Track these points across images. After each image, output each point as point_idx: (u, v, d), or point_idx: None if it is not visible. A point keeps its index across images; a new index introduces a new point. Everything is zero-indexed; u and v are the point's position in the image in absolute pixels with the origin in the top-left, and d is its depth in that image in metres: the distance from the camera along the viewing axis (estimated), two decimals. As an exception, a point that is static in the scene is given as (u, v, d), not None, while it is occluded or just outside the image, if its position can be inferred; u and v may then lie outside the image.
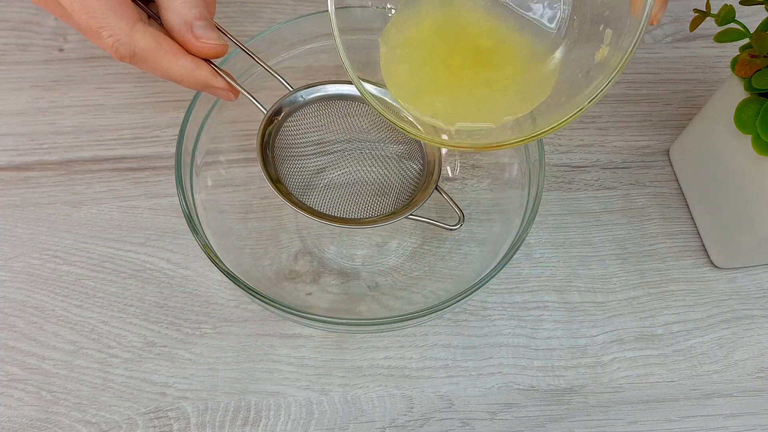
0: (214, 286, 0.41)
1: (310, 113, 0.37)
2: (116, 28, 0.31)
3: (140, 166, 0.44)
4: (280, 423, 0.37)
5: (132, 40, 0.31)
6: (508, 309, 0.40)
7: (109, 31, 0.31)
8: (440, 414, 0.37)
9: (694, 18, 0.37)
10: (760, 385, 0.39)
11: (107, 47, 0.32)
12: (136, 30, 0.31)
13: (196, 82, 0.33)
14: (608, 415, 0.38)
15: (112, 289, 0.40)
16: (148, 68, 0.33)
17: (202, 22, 0.32)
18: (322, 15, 0.40)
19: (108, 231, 0.42)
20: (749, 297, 0.41)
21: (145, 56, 0.32)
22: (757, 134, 0.35)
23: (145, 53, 0.32)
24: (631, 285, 0.41)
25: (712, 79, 0.50)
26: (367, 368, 0.38)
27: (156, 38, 0.32)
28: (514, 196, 0.39)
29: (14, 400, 0.37)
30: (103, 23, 0.31)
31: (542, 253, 0.42)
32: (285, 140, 0.37)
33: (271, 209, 0.42)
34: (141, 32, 0.32)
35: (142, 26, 0.32)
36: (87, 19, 0.31)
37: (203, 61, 0.33)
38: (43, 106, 0.46)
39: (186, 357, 0.38)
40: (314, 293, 0.40)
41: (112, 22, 0.31)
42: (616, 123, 0.48)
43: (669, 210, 0.44)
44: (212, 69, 0.33)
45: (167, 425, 0.36)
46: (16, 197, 0.43)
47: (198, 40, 0.32)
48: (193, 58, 0.33)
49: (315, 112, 0.37)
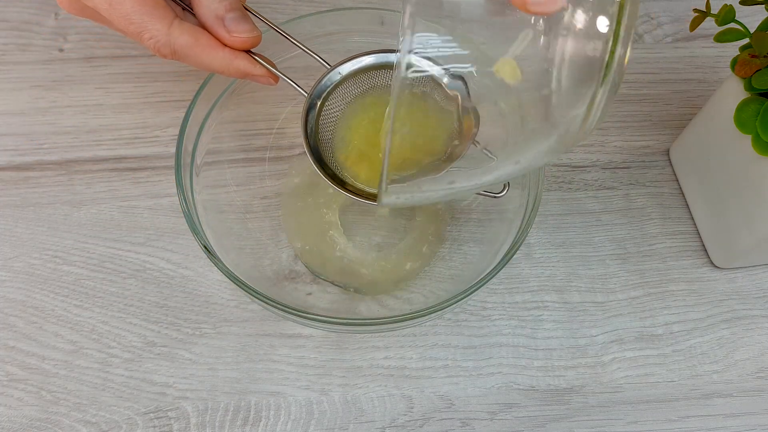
0: (214, 286, 0.41)
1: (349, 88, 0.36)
2: (154, 30, 0.32)
3: (140, 166, 0.44)
4: (280, 423, 0.37)
5: (171, 39, 0.32)
6: (508, 309, 0.40)
7: (149, 33, 0.32)
8: (440, 414, 0.37)
9: (694, 18, 0.37)
10: (760, 385, 0.39)
11: (149, 48, 0.33)
12: (173, 28, 0.32)
13: (236, 72, 0.34)
14: (608, 415, 0.38)
15: (112, 289, 0.40)
16: (190, 63, 0.33)
17: (233, 14, 0.33)
18: (322, 15, 0.40)
19: (108, 231, 0.42)
20: (749, 297, 0.41)
21: (185, 53, 0.33)
22: (757, 134, 0.35)
23: (184, 50, 0.33)
24: (631, 285, 0.41)
25: (712, 79, 0.50)
26: (367, 368, 0.38)
27: (193, 34, 0.32)
28: (514, 196, 0.39)
29: (14, 400, 0.37)
30: (141, 28, 0.32)
31: (542, 253, 0.42)
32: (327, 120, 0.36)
33: (271, 209, 0.42)
34: (178, 30, 0.32)
35: (178, 23, 0.32)
36: (126, 25, 0.32)
37: (241, 51, 0.33)
38: (43, 106, 0.46)
39: (186, 357, 0.38)
40: (314, 293, 0.40)
41: (149, 26, 0.32)
42: (616, 123, 0.48)
43: (669, 210, 0.44)
44: (251, 58, 0.34)
45: (167, 425, 0.36)
46: (16, 197, 0.43)
47: (230, 35, 0.33)
48: (230, 50, 0.33)
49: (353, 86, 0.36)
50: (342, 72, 0.36)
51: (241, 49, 0.33)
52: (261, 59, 0.34)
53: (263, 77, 0.34)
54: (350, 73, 0.36)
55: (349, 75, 0.36)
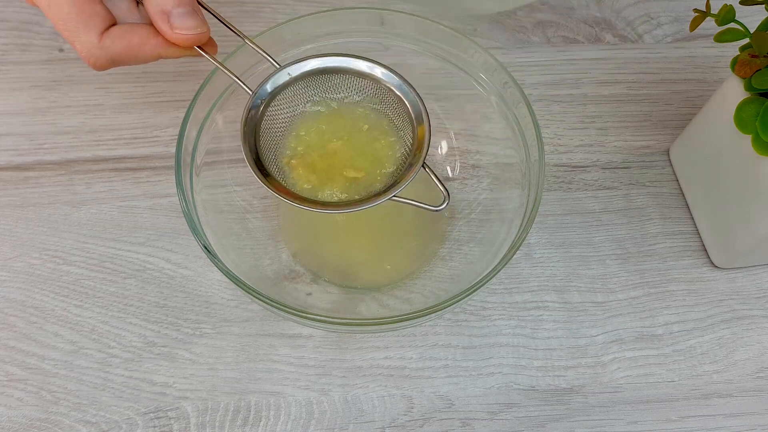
0: (214, 286, 0.41)
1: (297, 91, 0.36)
2: (86, 42, 0.31)
3: (140, 166, 0.44)
4: (280, 423, 0.37)
5: (104, 51, 0.32)
6: (508, 309, 0.40)
7: (80, 45, 0.32)
8: (440, 414, 0.37)
9: (694, 18, 0.37)
10: (760, 385, 0.39)
11: (85, 60, 0.32)
12: (105, 39, 0.32)
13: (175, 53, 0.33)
14: (608, 415, 0.38)
15: (112, 289, 0.40)
16: (132, 64, 0.33)
17: (182, 9, 0.32)
18: (322, 15, 0.40)
19: (108, 231, 0.42)
20: (749, 297, 0.41)
21: (123, 59, 0.32)
22: (757, 134, 0.35)
23: (121, 56, 0.32)
24: (631, 285, 0.41)
25: (712, 79, 0.50)
26: (367, 368, 0.38)
27: (126, 38, 0.32)
28: (514, 196, 0.39)
29: (14, 400, 0.37)
30: (74, 36, 0.31)
31: (542, 253, 0.42)
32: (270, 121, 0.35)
33: (271, 209, 0.42)
34: (110, 39, 0.32)
35: (108, 33, 0.32)
36: (62, 30, 0.31)
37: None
38: (43, 106, 0.46)
39: (186, 357, 0.38)
40: (314, 293, 0.40)
41: (82, 36, 0.31)
42: (616, 123, 0.48)
43: (669, 210, 0.44)
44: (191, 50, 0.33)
45: (167, 425, 0.36)
46: (16, 197, 0.43)
47: (173, 31, 0.32)
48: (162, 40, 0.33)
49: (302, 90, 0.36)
50: (291, 73, 0.35)
51: (184, 46, 0.33)
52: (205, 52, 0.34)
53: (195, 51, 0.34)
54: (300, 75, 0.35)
55: (298, 77, 0.35)
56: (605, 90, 0.49)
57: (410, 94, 0.35)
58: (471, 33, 0.51)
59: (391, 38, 0.41)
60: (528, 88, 0.49)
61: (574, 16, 0.52)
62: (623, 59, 0.50)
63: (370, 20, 0.40)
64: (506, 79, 0.38)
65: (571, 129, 0.47)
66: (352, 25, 0.41)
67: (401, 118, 0.36)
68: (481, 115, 0.42)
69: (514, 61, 0.50)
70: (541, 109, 0.48)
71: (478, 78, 0.40)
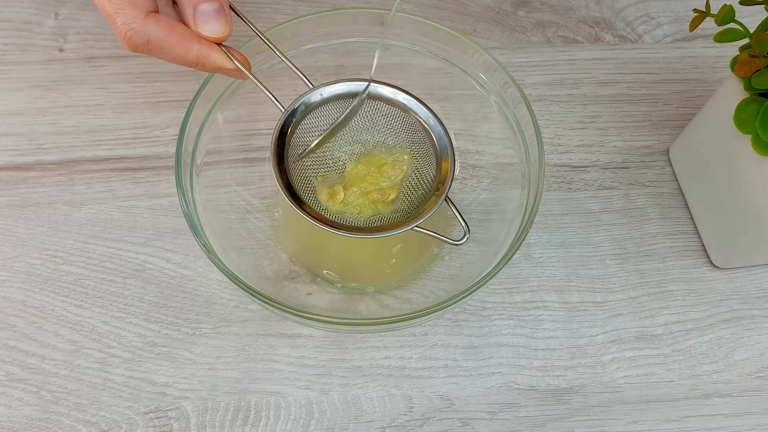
0: (214, 286, 0.41)
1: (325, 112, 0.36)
2: (130, 16, 0.32)
3: (140, 166, 0.44)
4: (280, 423, 0.37)
5: (146, 28, 0.32)
6: (508, 309, 0.40)
7: (123, 18, 0.32)
8: (440, 414, 0.37)
9: (694, 18, 0.37)
10: (759, 385, 0.39)
11: (120, 35, 0.32)
12: (150, 18, 0.32)
13: (211, 67, 0.34)
14: (608, 415, 0.38)
15: (112, 289, 0.40)
16: (163, 56, 0.33)
17: (206, 6, 0.32)
18: (322, 15, 0.40)
19: (108, 231, 0.42)
20: (749, 297, 0.41)
21: (159, 44, 0.32)
22: (757, 134, 0.35)
23: (159, 40, 0.32)
24: (630, 285, 0.42)
25: (712, 79, 0.50)
26: (367, 368, 0.38)
27: (169, 25, 0.32)
28: (514, 196, 0.39)
29: (14, 400, 0.37)
30: (118, 8, 0.32)
31: (542, 253, 0.42)
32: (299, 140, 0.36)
33: (271, 209, 0.42)
34: (155, 20, 0.32)
35: (155, 15, 0.32)
36: (105, 1, 0.32)
37: (215, 46, 0.33)
38: (43, 106, 0.46)
39: (186, 357, 0.38)
40: (314, 293, 0.40)
41: (127, 9, 0.32)
42: (616, 123, 0.48)
43: (669, 210, 0.44)
44: (223, 53, 0.33)
45: (167, 425, 0.37)
46: (16, 197, 0.43)
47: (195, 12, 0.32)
48: (206, 43, 0.33)
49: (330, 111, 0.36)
50: (323, 94, 0.35)
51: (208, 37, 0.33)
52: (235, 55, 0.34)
53: (235, 71, 0.34)
54: (332, 96, 0.36)
55: (330, 98, 0.36)
56: (605, 90, 0.49)
57: (437, 127, 0.36)
58: (471, 33, 0.51)
59: (391, 38, 0.41)
60: (528, 88, 0.49)
61: (573, 17, 0.52)
62: (623, 59, 0.50)
63: (370, 20, 0.40)
64: (506, 79, 0.38)
65: (571, 129, 0.47)
66: (352, 25, 0.41)
67: (425, 150, 0.37)
68: (480, 115, 0.42)
69: (513, 61, 0.50)
70: (541, 109, 0.48)
71: (478, 78, 0.41)
